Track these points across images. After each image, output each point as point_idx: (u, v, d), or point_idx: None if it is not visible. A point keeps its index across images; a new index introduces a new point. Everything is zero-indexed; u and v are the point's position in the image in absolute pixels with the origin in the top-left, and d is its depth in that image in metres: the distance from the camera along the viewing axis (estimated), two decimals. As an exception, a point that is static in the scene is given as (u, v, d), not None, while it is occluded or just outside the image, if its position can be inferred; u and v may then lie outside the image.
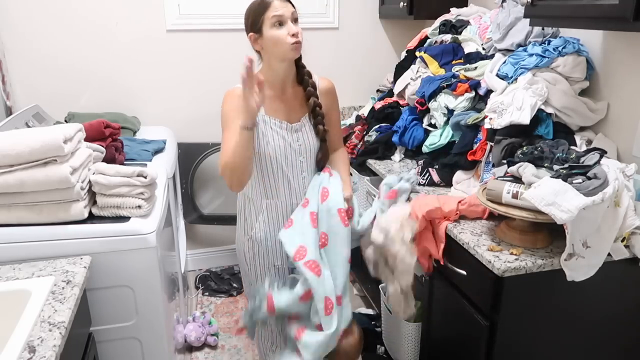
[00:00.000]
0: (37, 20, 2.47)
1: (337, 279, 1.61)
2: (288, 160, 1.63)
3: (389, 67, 2.78)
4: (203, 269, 3.06)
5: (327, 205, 1.61)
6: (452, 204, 1.57)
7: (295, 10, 1.55)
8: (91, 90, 2.64)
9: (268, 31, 1.51)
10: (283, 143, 1.61)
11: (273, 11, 1.50)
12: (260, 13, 1.52)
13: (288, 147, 1.62)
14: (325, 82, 1.71)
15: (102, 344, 1.49)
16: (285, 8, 1.51)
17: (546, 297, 1.38)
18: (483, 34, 2.10)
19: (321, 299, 1.56)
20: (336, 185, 1.65)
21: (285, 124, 1.62)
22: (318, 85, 1.69)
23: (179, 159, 2.64)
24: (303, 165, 1.66)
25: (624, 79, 1.65)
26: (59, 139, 1.38)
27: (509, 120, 1.63)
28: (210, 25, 2.71)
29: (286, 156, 1.62)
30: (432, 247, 1.60)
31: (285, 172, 1.64)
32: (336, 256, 1.61)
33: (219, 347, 2.41)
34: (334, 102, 1.74)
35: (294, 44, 1.51)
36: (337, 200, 1.61)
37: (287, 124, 1.62)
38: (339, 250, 1.61)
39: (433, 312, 1.72)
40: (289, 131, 1.62)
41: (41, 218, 1.44)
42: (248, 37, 1.58)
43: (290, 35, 1.50)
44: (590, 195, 1.25)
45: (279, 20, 1.50)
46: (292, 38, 1.50)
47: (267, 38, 1.52)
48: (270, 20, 1.50)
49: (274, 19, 1.50)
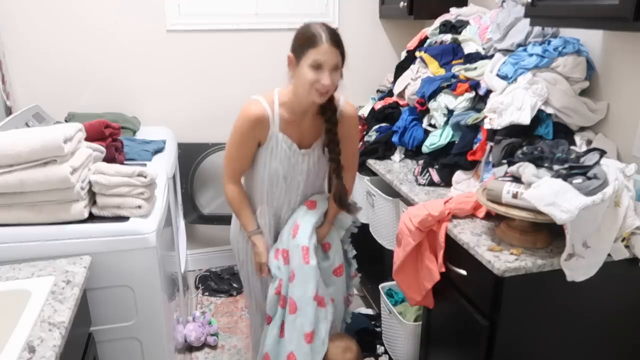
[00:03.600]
0: (37, 20, 2.47)
1: (305, 316, 1.65)
2: (287, 179, 1.66)
3: (389, 67, 2.78)
4: (203, 269, 3.06)
5: (295, 241, 1.65)
6: (438, 206, 1.56)
7: (340, 59, 1.48)
8: (91, 90, 2.64)
9: (304, 67, 1.46)
10: (287, 163, 1.63)
11: (316, 54, 1.43)
12: (307, 46, 1.45)
13: (291, 168, 1.64)
14: (349, 108, 1.67)
15: (102, 344, 1.49)
16: (329, 55, 1.44)
17: (546, 297, 1.38)
18: (483, 34, 2.10)
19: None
20: (307, 221, 1.67)
21: (295, 147, 1.62)
22: (342, 109, 1.64)
23: (179, 159, 2.64)
24: (300, 184, 1.69)
25: (624, 79, 1.65)
26: (59, 139, 1.38)
27: (509, 121, 1.63)
28: (210, 25, 2.71)
29: (285, 176, 1.65)
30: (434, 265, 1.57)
31: (283, 186, 1.67)
32: (301, 294, 1.65)
33: (219, 347, 2.41)
34: (351, 128, 1.69)
35: (320, 92, 1.47)
36: (301, 237, 1.64)
37: (297, 148, 1.63)
38: (303, 288, 1.64)
39: (433, 312, 1.72)
40: (296, 154, 1.63)
41: (41, 218, 1.44)
42: (287, 56, 1.53)
43: (320, 83, 1.45)
44: (590, 195, 1.25)
45: (318, 64, 1.45)
46: (320, 86, 1.46)
47: (300, 72, 1.48)
48: (311, 59, 1.44)
49: (315, 62, 1.44)
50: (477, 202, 1.55)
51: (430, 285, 1.60)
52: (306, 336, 1.65)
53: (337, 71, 1.49)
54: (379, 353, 2.26)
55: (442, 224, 1.54)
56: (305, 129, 1.63)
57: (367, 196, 2.21)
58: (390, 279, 1.82)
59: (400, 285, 1.73)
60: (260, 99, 1.58)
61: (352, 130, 1.71)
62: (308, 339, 1.65)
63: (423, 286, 1.63)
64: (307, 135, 1.64)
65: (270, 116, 1.57)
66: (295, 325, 1.66)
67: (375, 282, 2.40)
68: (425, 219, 1.54)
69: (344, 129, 1.65)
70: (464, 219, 1.56)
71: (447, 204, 1.57)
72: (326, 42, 1.44)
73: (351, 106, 1.68)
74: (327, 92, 1.49)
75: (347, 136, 1.67)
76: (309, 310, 1.64)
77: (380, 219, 2.10)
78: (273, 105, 1.58)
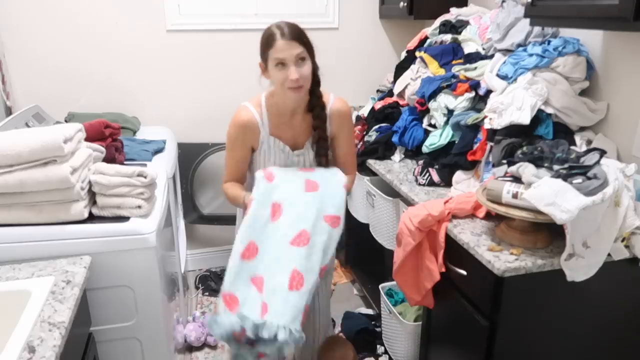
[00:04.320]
0: (37, 20, 2.47)
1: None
2: None
3: (389, 67, 2.78)
4: (203, 269, 3.06)
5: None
6: (438, 206, 1.56)
7: (303, 50, 1.47)
8: (91, 90, 2.64)
9: (271, 69, 1.49)
10: (283, 165, 1.63)
11: (275, 52, 1.45)
12: (266, 48, 1.48)
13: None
14: (338, 104, 1.66)
15: (102, 344, 1.49)
16: (288, 51, 1.44)
17: (546, 297, 1.38)
18: (483, 34, 2.10)
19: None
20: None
21: (288, 149, 1.63)
22: (331, 106, 1.64)
23: (179, 159, 2.63)
24: None
25: (624, 79, 1.65)
26: (59, 139, 1.38)
27: (509, 120, 1.63)
28: (210, 25, 2.71)
29: None
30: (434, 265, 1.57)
31: None
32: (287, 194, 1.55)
33: (219, 347, 2.41)
34: (344, 125, 1.67)
35: (293, 88, 1.47)
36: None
37: (290, 150, 1.63)
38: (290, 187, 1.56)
39: (433, 312, 1.72)
40: (291, 156, 1.64)
41: (41, 218, 1.44)
42: (258, 64, 1.55)
43: (289, 79, 1.45)
44: (590, 195, 1.25)
45: (280, 62, 1.46)
46: (290, 83, 1.46)
47: (271, 75, 1.51)
48: (272, 60, 1.47)
49: (276, 60, 1.46)
50: (477, 202, 1.55)
51: (430, 285, 1.60)
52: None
53: (305, 62, 1.48)
54: (379, 353, 2.26)
55: (442, 224, 1.54)
56: (297, 128, 1.63)
57: (367, 196, 2.21)
58: (390, 279, 1.83)
59: (400, 285, 1.73)
60: (247, 105, 1.61)
61: (345, 126, 1.68)
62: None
63: (423, 286, 1.63)
64: (299, 135, 1.64)
65: (259, 121, 1.59)
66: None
67: (375, 282, 2.40)
68: (425, 219, 1.54)
69: (336, 125, 1.65)
70: (464, 219, 1.56)
71: (447, 204, 1.57)
72: (281, 38, 1.44)
73: (342, 102, 1.67)
74: (300, 87, 1.49)
75: (340, 133, 1.67)
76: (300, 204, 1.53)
77: (380, 219, 2.10)
78: (261, 109, 1.60)
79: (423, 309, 1.79)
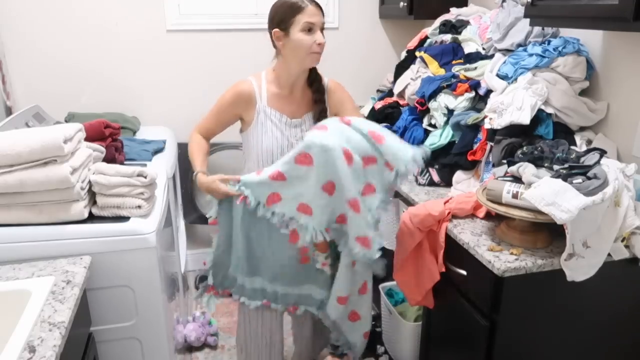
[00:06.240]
0: (37, 20, 2.47)
1: None
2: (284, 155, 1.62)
3: (389, 67, 2.78)
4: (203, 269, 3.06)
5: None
6: (438, 206, 1.56)
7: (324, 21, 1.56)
8: (91, 90, 2.64)
9: (296, 34, 1.52)
10: (280, 136, 1.63)
11: (307, 16, 1.51)
12: (292, 14, 1.52)
13: (285, 140, 1.64)
14: (333, 83, 1.73)
15: (102, 344, 1.49)
16: (318, 16, 1.53)
17: (546, 297, 1.38)
18: (483, 34, 2.10)
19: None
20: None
21: (285, 118, 1.64)
22: (328, 87, 1.71)
23: (179, 159, 2.63)
24: None
25: (624, 79, 1.65)
26: (59, 139, 1.38)
27: (509, 120, 1.63)
28: (210, 25, 2.71)
29: (282, 150, 1.63)
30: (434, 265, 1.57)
31: None
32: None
33: (219, 347, 2.41)
34: (344, 98, 1.73)
35: (315, 53, 1.54)
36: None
37: (287, 119, 1.65)
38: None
39: (433, 312, 1.72)
40: (288, 126, 1.65)
41: (41, 218, 1.44)
42: (272, 32, 1.57)
43: (316, 44, 1.52)
44: (590, 195, 1.25)
45: (309, 27, 1.51)
46: (317, 47, 1.53)
47: (293, 40, 1.53)
48: (301, 24, 1.51)
49: (306, 24, 1.51)
50: (477, 202, 1.55)
51: (430, 285, 1.60)
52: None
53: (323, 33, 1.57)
54: (379, 353, 2.25)
55: (442, 224, 1.54)
56: (295, 103, 1.66)
57: (367, 196, 2.21)
58: (390, 279, 1.83)
59: (400, 285, 1.73)
60: (250, 78, 1.67)
61: (346, 98, 1.73)
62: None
63: (423, 286, 1.63)
64: (297, 109, 1.67)
65: (256, 92, 1.63)
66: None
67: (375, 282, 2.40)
68: (425, 218, 1.54)
69: (336, 99, 1.70)
70: (464, 219, 1.57)
71: (447, 204, 1.57)
72: (310, 4, 1.52)
73: (336, 82, 1.74)
74: (320, 54, 1.56)
75: (344, 104, 1.71)
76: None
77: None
78: (260, 82, 1.65)
79: (423, 309, 1.79)
